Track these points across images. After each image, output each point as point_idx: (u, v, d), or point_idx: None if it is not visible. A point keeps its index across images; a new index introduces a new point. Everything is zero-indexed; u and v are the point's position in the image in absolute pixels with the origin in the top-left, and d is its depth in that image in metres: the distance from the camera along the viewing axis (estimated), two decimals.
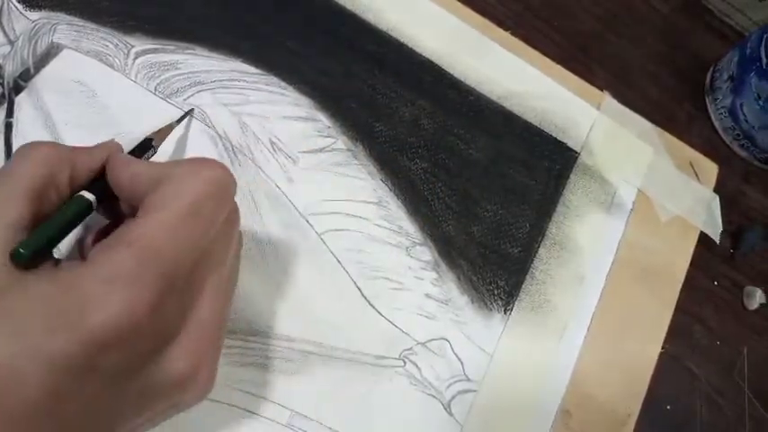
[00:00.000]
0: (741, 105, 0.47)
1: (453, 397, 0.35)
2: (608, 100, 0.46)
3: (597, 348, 0.39)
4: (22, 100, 0.35)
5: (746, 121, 0.47)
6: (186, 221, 0.22)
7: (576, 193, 0.43)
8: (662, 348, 0.41)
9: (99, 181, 0.26)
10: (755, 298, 0.44)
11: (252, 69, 0.39)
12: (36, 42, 0.36)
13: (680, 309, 0.42)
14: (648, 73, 0.51)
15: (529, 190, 0.42)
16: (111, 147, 0.27)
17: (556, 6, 0.51)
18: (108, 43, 0.37)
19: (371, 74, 0.41)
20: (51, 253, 0.23)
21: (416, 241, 0.38)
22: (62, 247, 0.29)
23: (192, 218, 0.22)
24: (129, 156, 0.28)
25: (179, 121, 0.35)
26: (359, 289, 0.36)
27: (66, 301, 0.19)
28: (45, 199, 0.23)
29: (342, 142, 0.39)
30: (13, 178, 0.22)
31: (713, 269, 0.45)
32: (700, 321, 0.43)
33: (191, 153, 0.36)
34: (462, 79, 0.43)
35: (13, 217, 0.21)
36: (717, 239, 0.44)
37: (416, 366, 0.35)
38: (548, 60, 0.46)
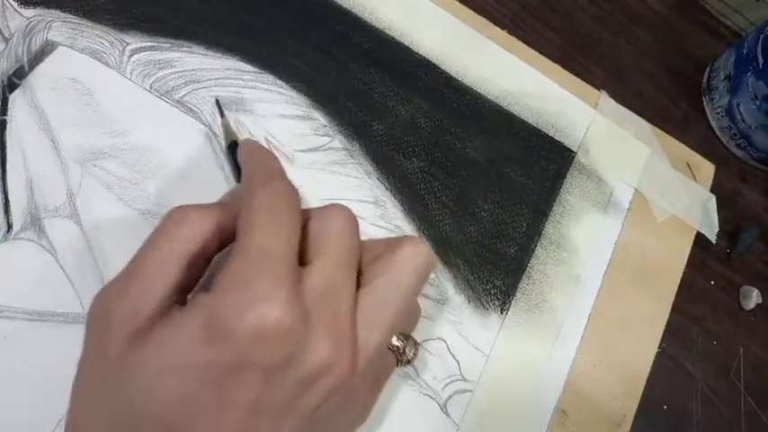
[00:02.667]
0: (738, 105, 0.47)
1: (450, 397, 0.35)
2: (605, 99, 0.46)
3: (594, 348, 0.39)
4: (16, 98, 0.34)
5: (743, 120, 0.47)
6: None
7: (572, 192, 0.43)
8: (658, 348, 0.40)
9: None
10: (752, 298, 0.44)
11: (248, 67, 0.39)
12: (31, 40, 0.36)
13: (676, 309, 0.42)
14: (645, 72, 0.51)
15: (525, 189, 0.42)
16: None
17: (553, 6, 0.51)
18: (103, 41, 0.37)
19: (368, 72, 0.41)
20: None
21: None
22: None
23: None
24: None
25: (221, 113, 0.34)
26: None
27: (216, 315, 0.20)
28: (197, 267, 0.23)
29: (338, 141, 0.39)
30: (168, 244, 0.22)
31: (710, 269, 0.45)
32: (696, 321, 0.43)
33: (188, 152, 0.36)
34: (459, 78, 0.43)
35: (164, 287, 0.21)
36: (713, 239, 0.44)
37: (412, 366, 0.35)
38: (545, 60, 0.46)
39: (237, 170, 0.27)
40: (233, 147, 0.29)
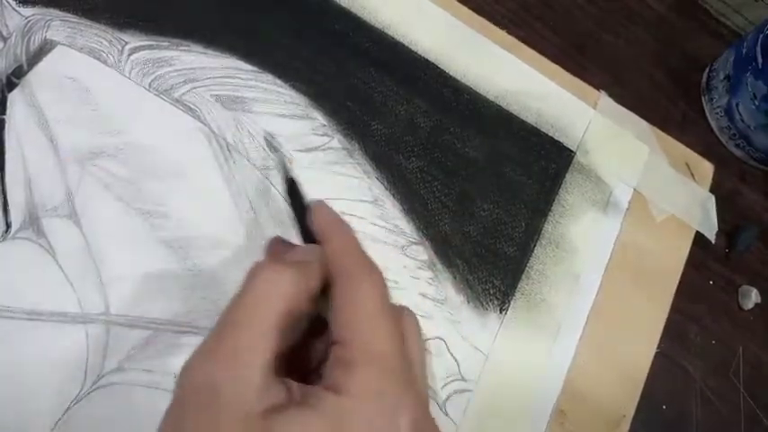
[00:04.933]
0: (737, 105, 0.47)
1: (449, 397, 0.35)
2: (604, 99, 0.46)
3: (592, 348, 0.39)
4: (14, 97, 0.34)
5: (742, 120, 0.47)
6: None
7: (571, 192, 0.43)
8: (657, 348, 0.40)
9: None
10: (751, 298, 0.44)
11: (247, 66, 0.39)
12: (29, 39, 0.36)
13: (675, 308, 0.42)
14: (644, 72, 0.51)
15: (525, 189, 0.42)
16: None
17: (552, 5, 0.51)
18: (102, 40, 0.37)
19: (367, 72, 0.41)
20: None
21: (412, 240, 0.38)
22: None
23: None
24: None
25: (273, 149, 0.34)
26: None
27: (348, 422, 0.20)
28: (289, 330, 0.22)
29: (337, 140, 0.39)
30: (265, 308, 0.21)
31: (708, 269, 0.45)
32: (695, 321, 0.43)
33: (187, 151, 0.36)
34: (458, 78, 0.43)
35: (267, 357, 0.20)
36: (712, 239, 0.44)
37: None
38: (544, 59, 0.46)
39: (293, 204, 0.27)
40: (291, 185, 0.28)
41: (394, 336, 0.22)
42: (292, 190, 0.28)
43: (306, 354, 0.24)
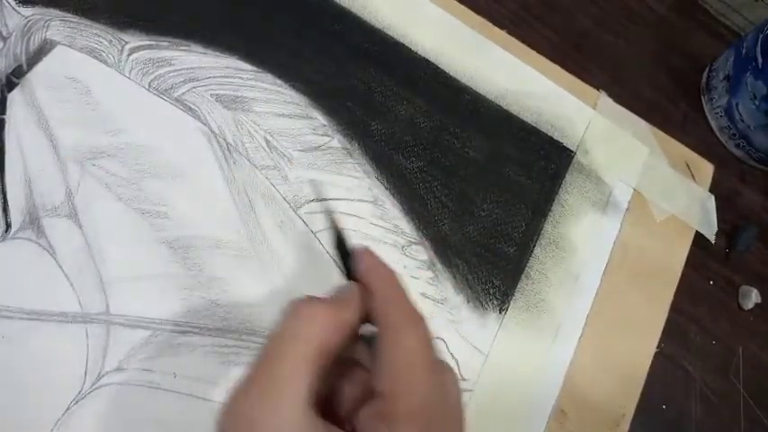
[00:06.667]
0: (737, 105, 0.47)
1: None
2: (604, 99, 0.46)
3: (592, 348, 0.39)
4: (14, 97, 0.34)
5: (742, 120, 0.47)
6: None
7: (571, 192, 0.43)
8: (657, 348, 0.40)
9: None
10: (751, 298, 0.44)
11: (247, 66, 0.39)
12: (29, 39, 0.36)
13: (675, 308, 0.42)
14: (644, 72, 0.51)
15: (525, 189, 0.42)
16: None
17: (552, 6, 0.51)
18: (102, 39, 0.37)
19: (367, 72, 0.41)
20: None
21: (412, 240, 0.38)
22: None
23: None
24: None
25: (319, 196, 0.33)
26: None
27: None
28: (325, 368, 0.22)
29: (337, 141, 0.39)
30: (302, 346, 0.21)
31: (708, 269, 0.45)
32: (695, 321, 0.43)
33: (187, 151, 0.36)
34: (458, 78, 0.43)
35: (303, 391, 0.20)
36: (712, 239, 0.44)
37: None
38: (544, 59, 0.46)
39: (340, 253, 0.27)
40: (337, 235, 0.28)
41: (438, 392, 0.22)
42: (340, 241, 0.27)
43: (336, 397, 0.24)
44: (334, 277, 0.36)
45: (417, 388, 0.21)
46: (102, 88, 0.36)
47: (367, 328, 0.24)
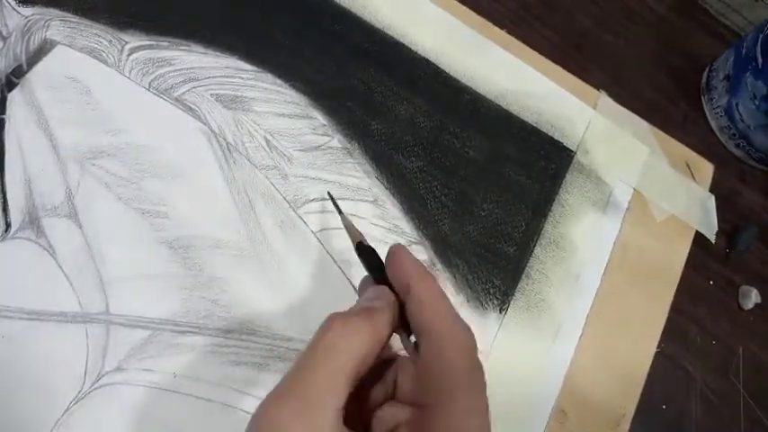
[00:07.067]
0: (737, 105, 0.47)
1: None
2: (604, 99, 0.46)
3: (592, 348, 0.39)
4: (14, 97, 0.34)
5: (742, 120, 0.47)
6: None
7: (571, 192, 0.43)
8: (657, 348, 0.40)
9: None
10: (751, 298, 0.44)
11: (247, 66, 0.39)
12: (29, 39, 0.36)
13: (675, 308, 0.42)
14: (644, 72, 0.51)
15: (525, 189, 0.42)
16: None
17: (552, 6, 0.51)
18: (102, 39, 0.37)
19: (367, 72, 0.41)
20: None
21: (412, 240, 0.38)
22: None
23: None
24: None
25: (339, 211, 0.32)
26: (354, 288, 0.36)
27: None
28: (357, 380, 0.22)
29: (337, 140, 0.39)
30: (336, 359, 0.21)
31: (708, 269, 0.45)
32: (695, 321, 0.43)
33: (186, 150, 0.36)
34: (458, 78, 0.43)
35: (337, 405, 0.20)
36: (712, 239, 0.44)
37: None
38: (544, 59, 0.46)
39: (368, 265, 0.27)
40: (361, 247, 0.28)
41: (475, 406, 0.22)
42: (365, 250, 0.27)
43: (362, 396, 0.24)
44: (334, 277, 0.36)
45: (459, 406, 0.21)
46: (102, 88, 0.36)
47: None
